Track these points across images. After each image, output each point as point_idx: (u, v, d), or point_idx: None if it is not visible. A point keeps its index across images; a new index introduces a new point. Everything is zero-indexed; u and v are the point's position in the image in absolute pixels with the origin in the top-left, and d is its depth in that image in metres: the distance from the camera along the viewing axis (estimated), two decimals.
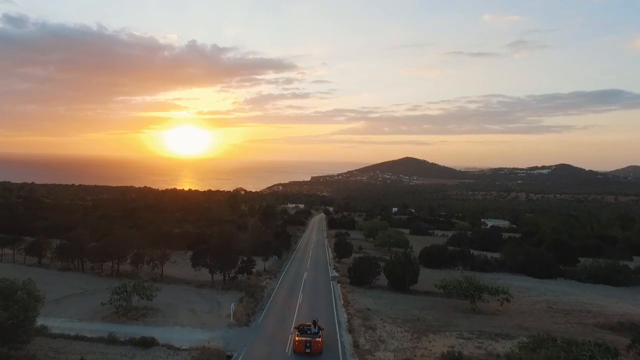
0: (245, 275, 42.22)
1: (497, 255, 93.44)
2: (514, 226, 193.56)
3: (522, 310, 39.35)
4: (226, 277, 40.63)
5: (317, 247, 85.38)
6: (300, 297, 41.27)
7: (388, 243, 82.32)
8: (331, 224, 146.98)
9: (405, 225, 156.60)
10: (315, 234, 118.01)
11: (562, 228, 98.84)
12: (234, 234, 66.86)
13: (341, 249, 64.70)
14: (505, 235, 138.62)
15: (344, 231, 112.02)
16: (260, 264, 55.42)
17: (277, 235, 77.02)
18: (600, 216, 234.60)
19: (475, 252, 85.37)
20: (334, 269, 59.25)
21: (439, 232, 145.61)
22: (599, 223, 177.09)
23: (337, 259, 65.69)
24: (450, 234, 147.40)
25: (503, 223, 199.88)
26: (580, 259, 71.03)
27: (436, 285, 40.08)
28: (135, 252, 44.03)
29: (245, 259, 42.21)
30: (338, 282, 48.84)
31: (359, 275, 45.58)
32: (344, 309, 37.10)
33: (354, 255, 67.25)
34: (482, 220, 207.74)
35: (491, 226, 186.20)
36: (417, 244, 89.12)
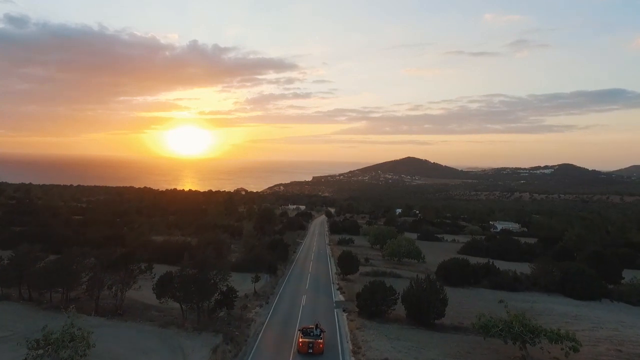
0: (225, 309, 33.01)
1: (515, 264, 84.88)
2: (525, 229, 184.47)
3: (586, 357, 30.14)
4: (200, 314, 31.42)
5: (319, 258, 76.20)
6: (297, 336, 32.16)
7: (398, 253, 73.17)
8: (333, 228, 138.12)
9: (411, 229, 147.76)
10: (316, 241, 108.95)
11: (588, 235, 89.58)
12: (220, 246, 57.82)
13: (346, 264, 55.57)
14: (520, 239, 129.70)
15: (347, 237, 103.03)
16: (249, 284, 46.42)
17: (273, 246, 67.90)
18: (610, 217, 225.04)
19: (499, 264, 76.49)
20: (338, 288, 50.12)
21: (448, 237, 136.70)
22: (612, 226, 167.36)
23: (341, 275, 56.55)
24: (460, 238, 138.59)
25: (513, 226, 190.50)
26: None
27: (474, 325, 30.93)
28: (92, 276, 34.98)
29: (225, 288, 33.02)
30: (344, 311, 39.78)
31: (371, 305, 36.47)
32: (353, 358, 27.97)
33: (360, 270, 58.30)
34: (491, 223, 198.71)
35: (501, 229, 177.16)
36: (427, 252, 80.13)
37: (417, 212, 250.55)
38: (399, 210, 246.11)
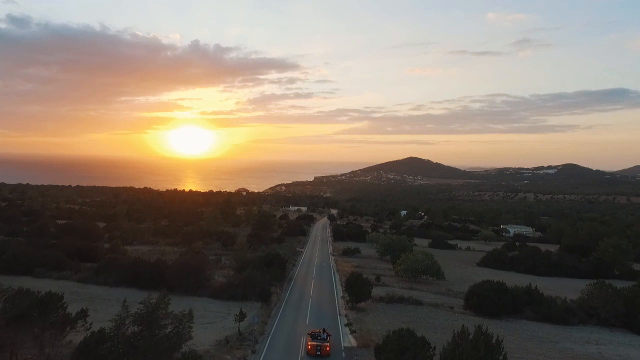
0: None
1: (545, 280, 74.39)
2: (539, 233, 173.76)
3: None
4: None
5: (321, 274, 65.65)
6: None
7: (414, 270, 62.57)
8: (337, 234, 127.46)
9: (420, 234, 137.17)
10: (318, 249, 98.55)
11: (625, 245, 78.88)
12: (201, 265, 47.38)
13: (356, 289, 45.08)
14: (536, 245, 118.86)
15: (353, 247, 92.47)
16: (232, 321, 35.99)
17: (267, 262, 57.45)
18: (623, 220, 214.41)
19: (525, 279, 65.91)
20: (346, 324, 39.63)
21: (461, 244, 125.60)
22: (630, 230, 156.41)
23: (350, 302, 46.04)
24: (474, 245, 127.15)
25: (526, 230, 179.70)
26: None
27: None
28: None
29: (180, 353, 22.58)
30: None
31: None
32: None
33: (372, 291, 47.57)
34: (502, 226, 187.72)
35: (514, 234, 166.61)
36: (442, 263, 68.23)
37: (423, 214, 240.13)
38: (404, 212, 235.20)
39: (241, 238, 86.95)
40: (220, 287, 45.69)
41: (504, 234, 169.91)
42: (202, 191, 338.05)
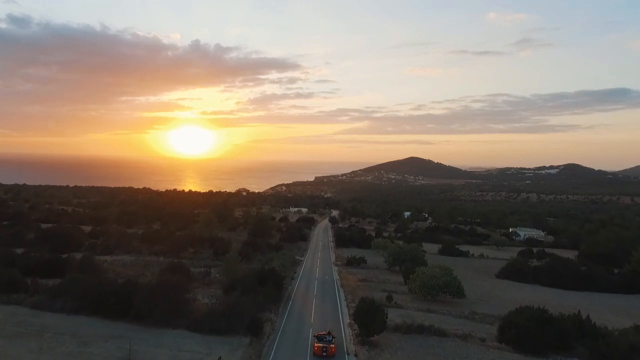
0: None
1: (574, 295, 66.39)
2: (551, 237, 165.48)
3: None
4: None
5: (324, 292, 56.95)
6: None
7: (431, 287, 54.14)
8: (339, 239, 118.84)
9: (427, 239, 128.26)
10: (319, 257, 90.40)
11: None
12: (178, 290, 39.01)
13: (367, 319, 36.71)
14: (550, 250, 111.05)
15: (358, 256, 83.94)
16: None
17: (261, 279, 49.14)
18: (632, 221, 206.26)
19: (550, 293, 57.40)
20: None
21: (473, 250, 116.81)
22: None
23: (359, 336, 37.64)
24: (487, 252, 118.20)
25: (537, 234, 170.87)
26: None
27: None
28: None
29: None
30: None
31: None
32: None
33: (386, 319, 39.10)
34: (511, 229, 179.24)
35: (525, 238, 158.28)
36: (458, 274, 58.78)
37: (426, 215, 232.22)
38: (407, 214, 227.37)
39: (235, 246, 78.81)
40: (202, 316, 37.30)
41: (514, 237, 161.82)
42: (201, 191, 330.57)
